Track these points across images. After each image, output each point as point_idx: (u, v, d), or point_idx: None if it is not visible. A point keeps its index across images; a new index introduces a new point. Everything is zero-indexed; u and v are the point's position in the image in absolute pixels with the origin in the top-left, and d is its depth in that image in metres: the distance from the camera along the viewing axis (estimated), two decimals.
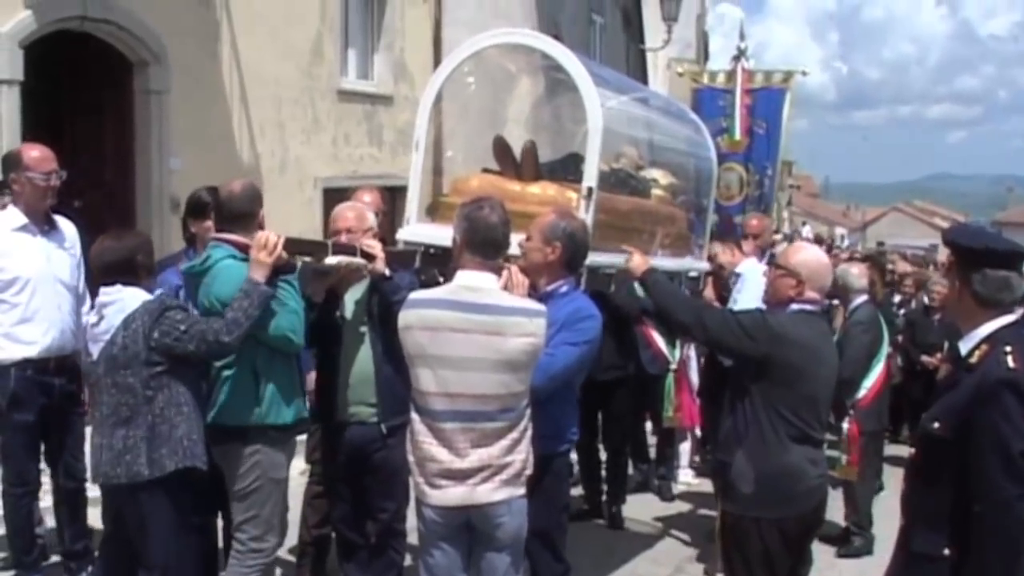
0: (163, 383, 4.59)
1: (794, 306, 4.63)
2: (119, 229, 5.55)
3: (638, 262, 5.16)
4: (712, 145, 7.97)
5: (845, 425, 7.16)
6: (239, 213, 4.86)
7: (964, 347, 3.68)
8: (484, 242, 4.20)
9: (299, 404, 4.98)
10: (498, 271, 4.31)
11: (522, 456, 4.19)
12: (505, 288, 4.31)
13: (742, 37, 10.99)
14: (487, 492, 4.13)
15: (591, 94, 5.64)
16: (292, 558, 6.20)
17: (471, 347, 4.05)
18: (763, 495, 4.52)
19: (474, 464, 4.11)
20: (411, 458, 4.27)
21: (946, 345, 7.77)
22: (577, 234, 4.78)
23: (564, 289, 4.72)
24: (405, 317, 4.18)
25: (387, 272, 4.98)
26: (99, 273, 4.79)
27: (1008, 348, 3.50)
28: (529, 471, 4.25)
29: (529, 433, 4.23)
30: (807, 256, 4.78)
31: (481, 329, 4.06)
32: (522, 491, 4.24)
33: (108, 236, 4.89)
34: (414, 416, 4.22)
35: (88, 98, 10.50)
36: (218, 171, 10.33)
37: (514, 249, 4.54)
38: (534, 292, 4.60)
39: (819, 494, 4.66)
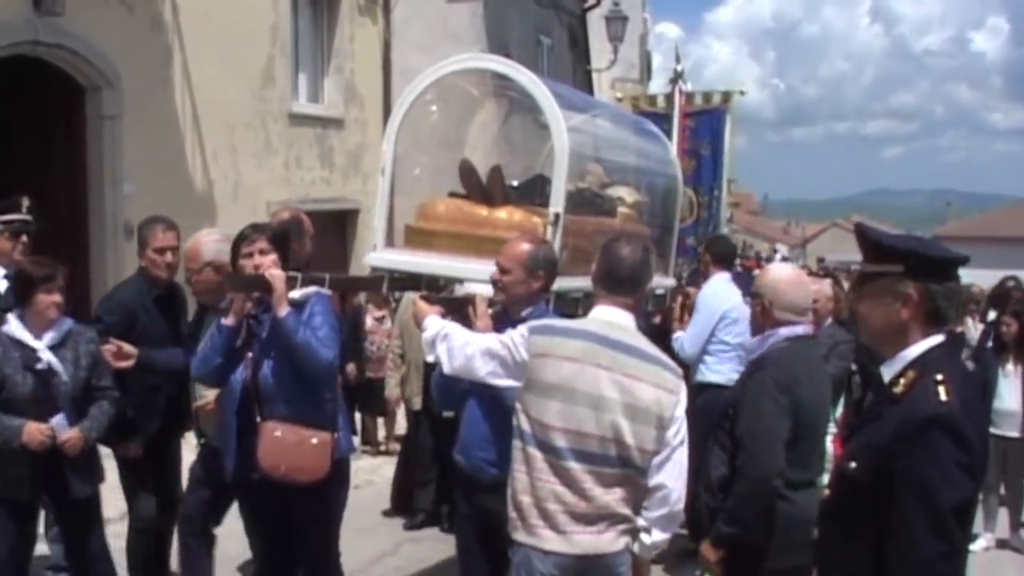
0: None
1: (782, 330, 4.41)
2: None
3: None
4: (677, 161, 7.96)
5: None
6: None
7: (887, 372, 3.09)
8: (608, 275, 3.94)
9: None
10: (633, 310, 4.00)
11: (631, 511, 3.88)
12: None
13: (678, 59, 10.89)
14: (610, 540, 3.83)
15: (557, 118, 5.51)
16: None
17: (610, 387, 3.77)
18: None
19: (600, 508, 3.80)
20: (525, 499, 3.85)
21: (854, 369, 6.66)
22: (554, 258, 4.71)
23: (538, 312, 4.60)
24: (546, 344, 3.85)
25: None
26: None
27: (939, 377, 2.92)
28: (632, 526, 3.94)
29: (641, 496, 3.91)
30: (771, 276, 4.61)
31: (622, 370, 3.80)
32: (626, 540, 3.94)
33: None
34: (534, 451, 3.83)
35: (40, 123, 10.39)
36: (171, 196, 10.27)
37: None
38: (507, 319, 4.50)
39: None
